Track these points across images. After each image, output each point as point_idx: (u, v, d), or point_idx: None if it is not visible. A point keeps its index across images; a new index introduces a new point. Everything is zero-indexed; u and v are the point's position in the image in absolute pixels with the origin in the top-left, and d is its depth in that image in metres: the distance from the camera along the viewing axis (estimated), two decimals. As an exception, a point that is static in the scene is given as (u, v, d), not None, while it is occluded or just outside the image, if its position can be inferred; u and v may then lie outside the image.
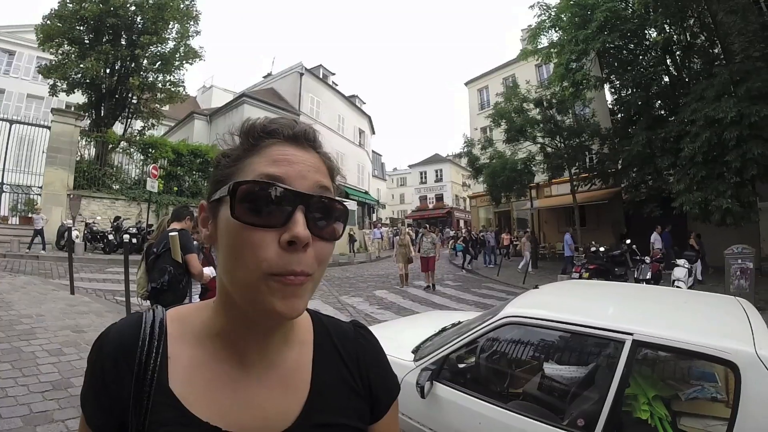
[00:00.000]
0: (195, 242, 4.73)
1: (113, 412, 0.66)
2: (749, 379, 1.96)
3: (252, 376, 0.72)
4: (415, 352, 3.31)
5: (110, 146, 18.56)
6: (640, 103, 17.95)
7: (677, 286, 9.83)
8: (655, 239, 14.10)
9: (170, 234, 4.42)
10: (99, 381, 0.69)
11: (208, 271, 4.70)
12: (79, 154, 17.46)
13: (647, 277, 11.15)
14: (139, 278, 4.86)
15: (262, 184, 0.64)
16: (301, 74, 30.27)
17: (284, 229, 0.62)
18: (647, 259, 11.73)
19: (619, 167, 19.10)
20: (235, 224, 0.63)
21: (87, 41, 18.07)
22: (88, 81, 17.95)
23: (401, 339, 3.68)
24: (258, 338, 0.72)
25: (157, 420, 0.65)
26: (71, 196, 16.01)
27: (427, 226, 18.35)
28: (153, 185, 16.07)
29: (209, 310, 0.75)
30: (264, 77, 35.79)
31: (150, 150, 19.15)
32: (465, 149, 25.57)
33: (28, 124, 17.03)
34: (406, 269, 14.02)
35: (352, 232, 23.19)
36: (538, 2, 18.00)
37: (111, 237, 15.08)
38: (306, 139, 0.71)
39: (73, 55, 17.85)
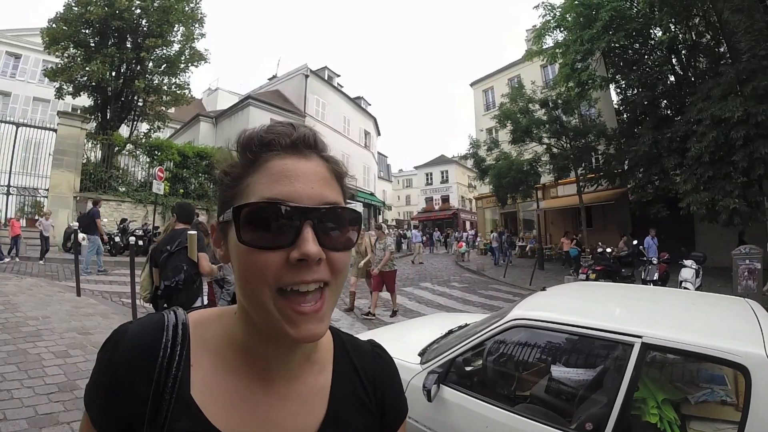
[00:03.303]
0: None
1: (123, 415, 0.64)
2: (760, 381, 1.93)
3: (272, 392, 0.72)
4: (421, 354, 3.30)
5: (116, 149, 18.66)
6: (646, 102, 17.94)
7: (685, 287, 9.78)
8: None
9: (189, 233, 4.37)
10: (111, 383, 0.66)
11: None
12: (85, 156, 17.58)
13: (654, 278, 11.10)
14: (142, 280, 4.83)
15: (264, 206, 0.62)
16: (306, 76, 30.36)
17: (293, 247, 0.61)
18: (654, 260, 11.67)
19: (626, 167, 18.98)
20: (243, 248, 0.62)
21: (92, 44, 18.17)
22: (93, 84, 18.05)
23: (408, 341, 3.67)
24: (280, 355, 0.71)
25: (176, 428, 0.64)
26: (77, 198, 16.08)
27: (382, 226, 11.41)
28: (159, 187, 16.11)
29: (231, 320, 0.73)
30: (269, 79, 35.93)
31: (156, 152, 19.24)
32: (471, 150, 25.52)
33: (35, 127, 17.11)
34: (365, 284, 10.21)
35: None
36: (543, 2, 18.01)
37: (117, 239, 15.13)
38: (306, 146, 0.69)
39: (78, 58, 17.94)
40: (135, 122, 20.65)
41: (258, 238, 0.61)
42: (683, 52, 17.21)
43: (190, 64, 20.32)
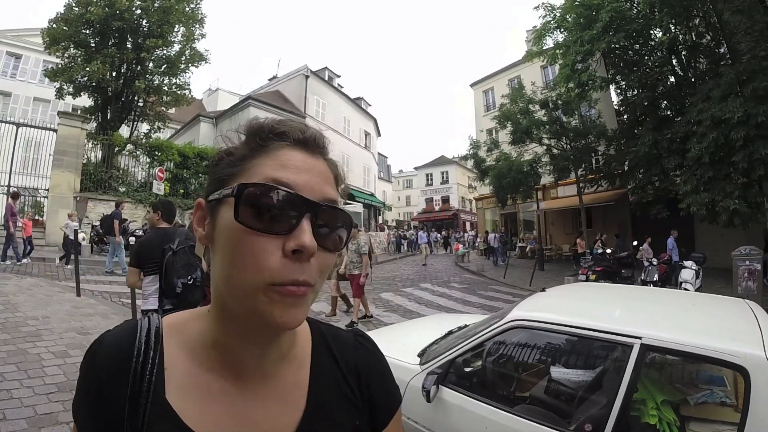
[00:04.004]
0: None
1: (107, 423, 0.64)
2: (759, 383, 1.93)
3: (248, 390, 0.70)
4: (421, 355, 3.30)
5: (116, 149, 18.63)
6: (646, 103, 17.93)
7: (685, 288, 9.79)
8: None
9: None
10: (93, 391, 0.66)
11: None
12: (85, 156, 17.55)
13: (654, 279, 11.10)
14: None
15: (269, 187, 0.61)
16: (307, 77, 30.38)
17: (289, 237, 0.60)
18: (654, 261, 11.66)
19: (626, 168, 18.96)
20: (238, 228, 0.60)
21: (93, 44, 18.15)
22: (94, 84, 18.03)
23: (407, 342, 3.67)
24: (255, 350, 0.69)
25: None
26: (78, 198, 16.08)
27: (356, 224, 8.74)
28: (159, 188, 16.12)
29: (205, 319, 0.72)
30: (269, 80, 35.99)
31: (156, 153, 19.22)
32: (471, 151, 25.54)
33: (35, 127, 17.11)
34: (338, 290, 9.33)
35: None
36: (543, 3, 18.00)
37: (117, 239, 15.09)
38: (316, 146, 0.69)
39: (79, 59, 17.92)
40: (135, 122, 20.61)
41: (256, 220, 0.60)
42: (683, 52, 17.21)
43: (190, 65, 20.29)
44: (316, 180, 0.65)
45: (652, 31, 16.82)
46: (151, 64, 19.30)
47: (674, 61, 17.61)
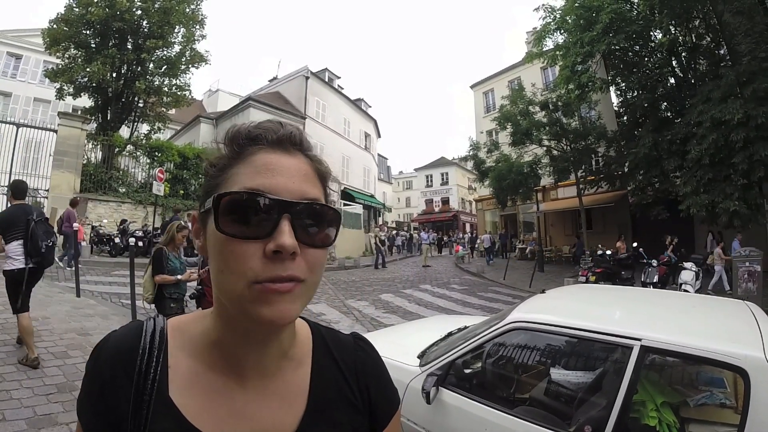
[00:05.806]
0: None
1: (110, 420, 0.65)
2: (759, 384, 1.93)
3: (249, 389, 0.71)
4: (420, 357, 3.29)
5: (116, 150, 18.65)
6: (646, 105, 17.93)
7: (685, 290, 9.79)
8: None
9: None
10: (97, 389, 0.68)
11: None
12: (85, 157, 17.56)
13: (654, 281, 11.09)
14: (145, 282, 4.95)
15: (243, 195, 0.63)
16: (307, 78, 30.37)
17: (269, 239, 0.61)
18: (654, 263, 11.66)
19: (626, 170, 18.96)
20: (221, 236, 0.62)
21: (93, 45, 18.18)
22: (94, 85, 18.08)
23: (407, 344, 3.67)
24: (255, 349, 0.71)
25: (156, 429, 0.64)
26: (78, 199, 16.07)
27: None
28: (159, 189, 16.13)
29: (208, 320, 0.74)
30: (270, 81, 35.98)
31: (156, 153, 19.24)
32: (471, 152, 25.50)
33: (35, 127, 17.07)
34: None
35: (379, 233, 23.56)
36: (543, 4, 18.01)
37: (117, 240, 15.12)
38: (292, 144, 0.70)
39: (79, 59, 17.96)
40: (135, 123, 20.64)
41: (236, 228, 0.62)
42: (683, 54, 17.22)
43: (190, 66, 20.32)
44: (293, 180, 0.66)
45: (652, 33, 16.85)
46: (151, 65, 19.35)
47: (674, 63, 17.62)
